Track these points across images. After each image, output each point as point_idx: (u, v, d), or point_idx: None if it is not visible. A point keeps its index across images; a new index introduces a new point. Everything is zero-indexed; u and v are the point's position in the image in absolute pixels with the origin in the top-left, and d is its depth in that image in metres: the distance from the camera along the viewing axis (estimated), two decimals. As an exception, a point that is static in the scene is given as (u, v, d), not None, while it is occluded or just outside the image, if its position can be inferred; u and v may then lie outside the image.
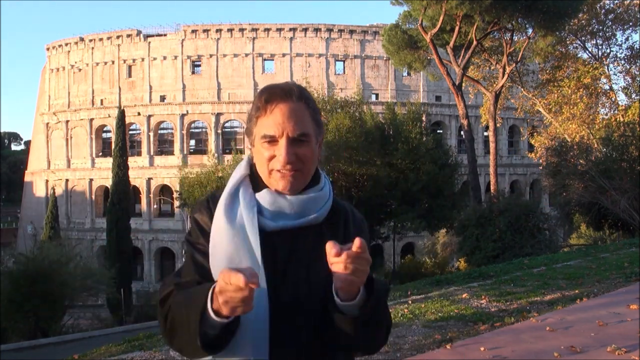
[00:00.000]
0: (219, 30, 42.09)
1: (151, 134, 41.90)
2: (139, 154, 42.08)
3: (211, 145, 40.82)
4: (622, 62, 27.84)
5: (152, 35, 43.04)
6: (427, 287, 7.91)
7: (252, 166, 1.41)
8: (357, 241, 1.13)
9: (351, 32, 42.96)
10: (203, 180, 27.95)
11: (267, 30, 42.13)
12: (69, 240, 27.95)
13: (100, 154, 43.48)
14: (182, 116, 41.57)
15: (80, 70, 44.57)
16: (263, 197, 1.34)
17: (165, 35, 42.94)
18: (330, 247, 1.15)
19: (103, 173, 40.43)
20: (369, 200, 25.15)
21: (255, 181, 1.39)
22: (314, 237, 1.34)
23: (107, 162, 38.08)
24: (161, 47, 42.61)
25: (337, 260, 1.15)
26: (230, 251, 1.28)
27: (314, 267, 1.31)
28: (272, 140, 1.32)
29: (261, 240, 1.29)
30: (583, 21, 26.19)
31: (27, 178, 47.91)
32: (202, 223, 1.36)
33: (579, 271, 8.00)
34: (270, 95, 1.33)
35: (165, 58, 42.36)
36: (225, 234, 1.30)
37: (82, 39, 44.60)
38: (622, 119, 23.78)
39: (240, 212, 1.32)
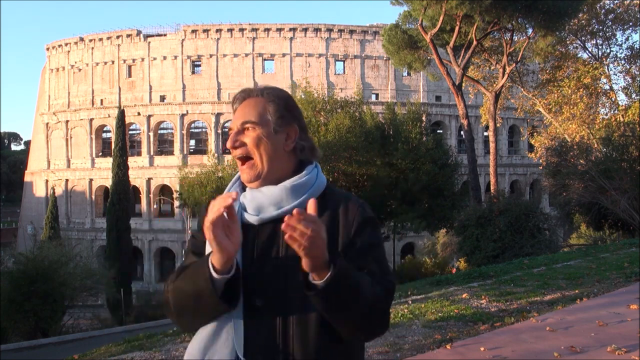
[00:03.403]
0: (219, 30, 42.09)
1: (151, 134, 41.90)
2: (139, 154, 42.08)
3: (211, 145, 40.81)
4: (622, 62, 27.86)
5: (152, 35, 43.03)
6: (427, 287, 7.89)
7: None
8: (295, 210, 1.19)
9: (351, 32, 42.94)
10: (203, 180, 27.90)
11: (267, 30, 42.12)
12: (69, 240, 27.90)
13: (100, 154, 43.49)
14: (182, 116, 41.57)
15: (80, 70, 44.57)
16: (246, 194, 1.46)
17: (165, 35, 42.93)
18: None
19: (103, 173, 40.44)
20: (369, 201, 24.92)
21: None
22: None
23: (107, 162, 38.09)
24: (161, 47, 42.60)
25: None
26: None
27: (292, 256, 1.32)
28: None
29: (244, 235, 1.36)
30: (583, 21, 26.18)
31: (27, 178, 47.94)
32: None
33: (579, 271, 7.98)
34: (235, 99, 1.50)
35: (165, 58, 42.35)
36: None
37: (82, 39, 44.60)
38: (622, 119, 23.77)
39: None
